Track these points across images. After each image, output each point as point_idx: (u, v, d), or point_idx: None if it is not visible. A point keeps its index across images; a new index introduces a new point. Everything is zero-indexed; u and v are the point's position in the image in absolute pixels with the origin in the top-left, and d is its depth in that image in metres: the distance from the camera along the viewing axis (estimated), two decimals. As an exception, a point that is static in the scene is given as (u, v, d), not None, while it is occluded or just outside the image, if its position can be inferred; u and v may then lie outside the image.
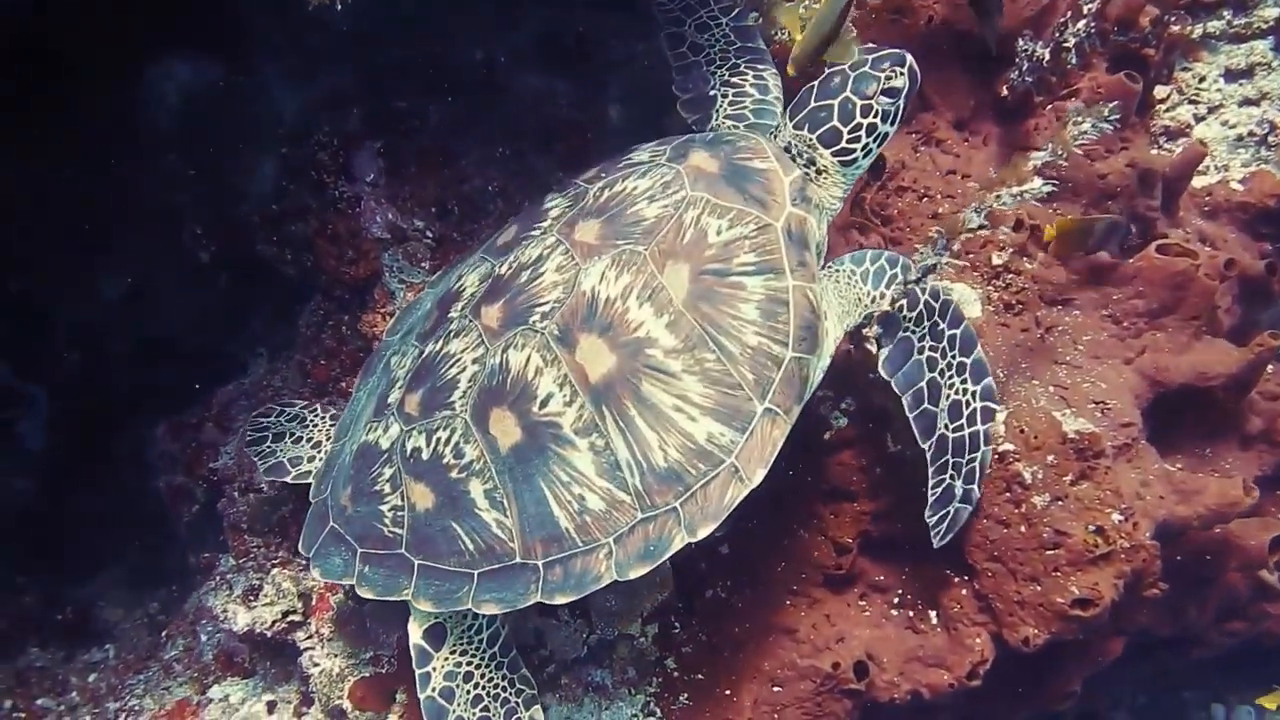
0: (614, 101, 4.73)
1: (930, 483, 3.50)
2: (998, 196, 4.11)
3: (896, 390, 3.49)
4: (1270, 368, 4.78)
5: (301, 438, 4.10)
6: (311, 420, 4.15)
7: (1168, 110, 5.00)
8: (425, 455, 3.39)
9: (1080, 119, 4.02)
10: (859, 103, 3.51)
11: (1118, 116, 4.06)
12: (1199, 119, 5.08)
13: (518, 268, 3.45)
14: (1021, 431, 3.77)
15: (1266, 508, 4.65)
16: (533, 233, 3.54)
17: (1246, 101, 5.12)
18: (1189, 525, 3.90)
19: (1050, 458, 3.73)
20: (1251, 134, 5.02)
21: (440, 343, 3.48)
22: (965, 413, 3.47)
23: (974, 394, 3.48)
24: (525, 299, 3.37)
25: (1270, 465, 4.39)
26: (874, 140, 3.57)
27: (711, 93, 4.11)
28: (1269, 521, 4.27)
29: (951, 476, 3.49)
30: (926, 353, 3.48)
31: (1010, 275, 4.13)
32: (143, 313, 5.05)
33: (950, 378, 3.48)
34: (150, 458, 5.00)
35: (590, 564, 3.27)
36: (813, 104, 3.58)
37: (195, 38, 4.33)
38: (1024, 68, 4.08)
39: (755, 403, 3.24)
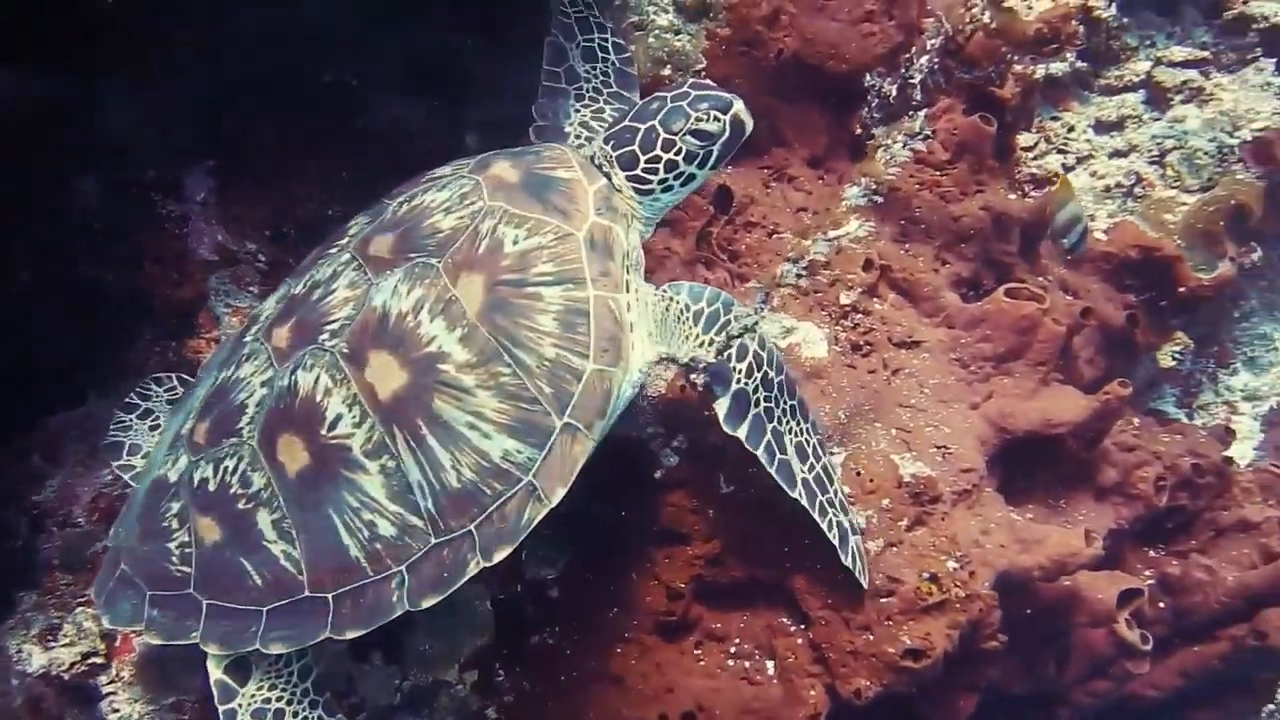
0: (471, 130, 4.61)
1: (823, 527, 3.39)
2: (814, 242, 4.02)
3: (749, 447, 3.32)
4: (1137, 421, 4.74)
5: (160, 427, 3.93)
6: None
7: (1035, 159, 4.96)
8: (212, 486, 3.20)
9: (890, 140, 3.95)
10: (662, 135, 3.33)
11: (929, 131, 3.99)
12: (1068, 169, 5.05)
13: (311, 286, 3.30)
14: (858, 475, 3.66)
15: (1130, 563, 4.56)
16: (329, 251, 3.40)
17: (1116, 153, 5.10)
18: (1031, 576, 3.77)
19: (885, 501, 3.61)
20: (1119, 185, 4.99)
21: (233, 368, 3.32)
22: (809, 451, 3.40)
23: (808, 430, 3.42)
24: (316, 318, 3.20)
25: (1127, 518, 4.29)
26: (675, 178, 3.38)
27: (566, 128, 3.99)
28: (1118, 576, 4.15)
29: (835, 513, 3.41)
30: (763, 404, 3.34)
31: (859, 315, 4.04)
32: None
33: (789, 423, 3.38)
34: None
35: (382, 593, 3.07)
36: (626, 121, 3.44)
37: (19, 46, 4.14)
38: (873, 104, 4.01)
39: (554, 418, 3.07)
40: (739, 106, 3.34)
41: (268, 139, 4.31)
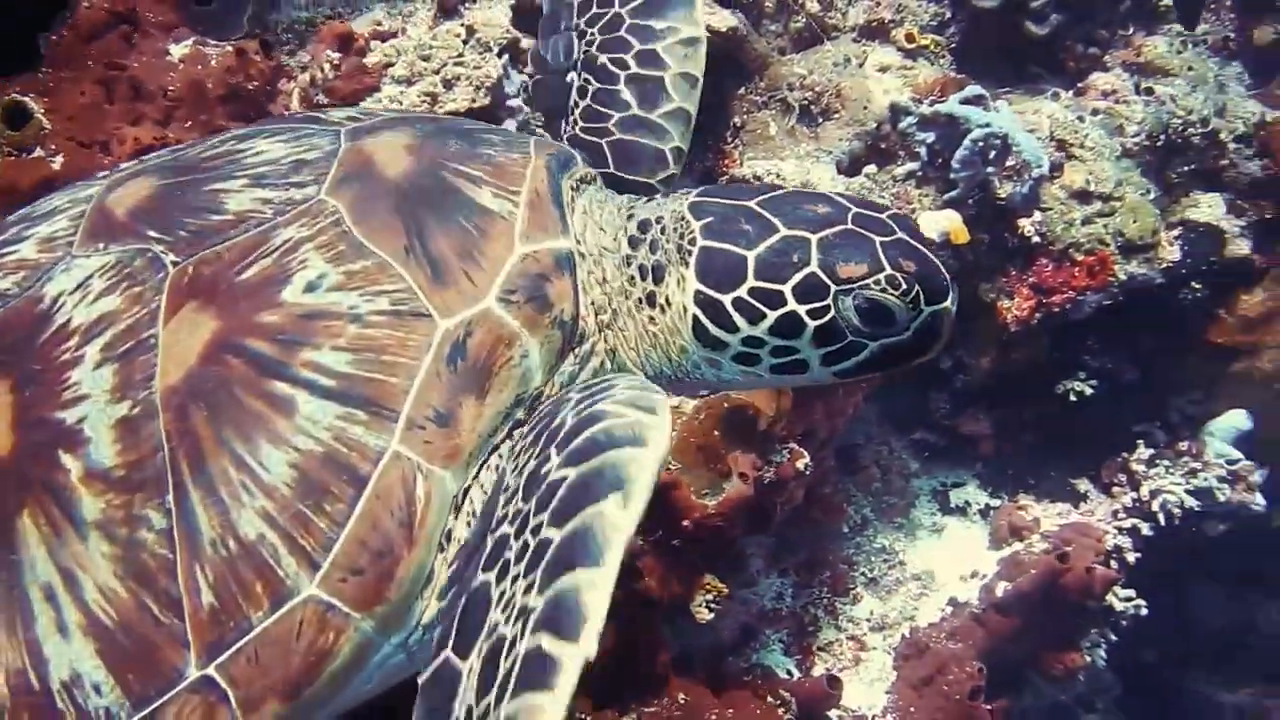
0: None
1: None
2: None
3: None
4: (684, 698, 3.63)
5: None
6: None
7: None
8: None
9: None
10: (812, 268, 1.86)
11: None
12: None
13: (44, 214, 1.96)
14: None
15: None
16: (119, 171, 2.09)
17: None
18: None
19: None
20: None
21: None
22: None
23: None
24: None
25: None
26: (772, 352, 1.93)
27: (569, 77, 2.70)
28: None
29: None
30: None
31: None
32: None
33: None
34: None
35: None
36: (747, 199, 1.97)
37: None
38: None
39: (189, 660, 1.56)
40: (952, 304, 1.92)
41: None
